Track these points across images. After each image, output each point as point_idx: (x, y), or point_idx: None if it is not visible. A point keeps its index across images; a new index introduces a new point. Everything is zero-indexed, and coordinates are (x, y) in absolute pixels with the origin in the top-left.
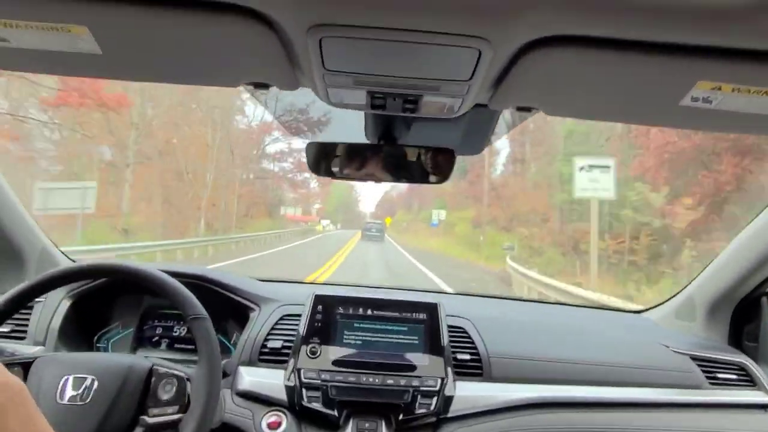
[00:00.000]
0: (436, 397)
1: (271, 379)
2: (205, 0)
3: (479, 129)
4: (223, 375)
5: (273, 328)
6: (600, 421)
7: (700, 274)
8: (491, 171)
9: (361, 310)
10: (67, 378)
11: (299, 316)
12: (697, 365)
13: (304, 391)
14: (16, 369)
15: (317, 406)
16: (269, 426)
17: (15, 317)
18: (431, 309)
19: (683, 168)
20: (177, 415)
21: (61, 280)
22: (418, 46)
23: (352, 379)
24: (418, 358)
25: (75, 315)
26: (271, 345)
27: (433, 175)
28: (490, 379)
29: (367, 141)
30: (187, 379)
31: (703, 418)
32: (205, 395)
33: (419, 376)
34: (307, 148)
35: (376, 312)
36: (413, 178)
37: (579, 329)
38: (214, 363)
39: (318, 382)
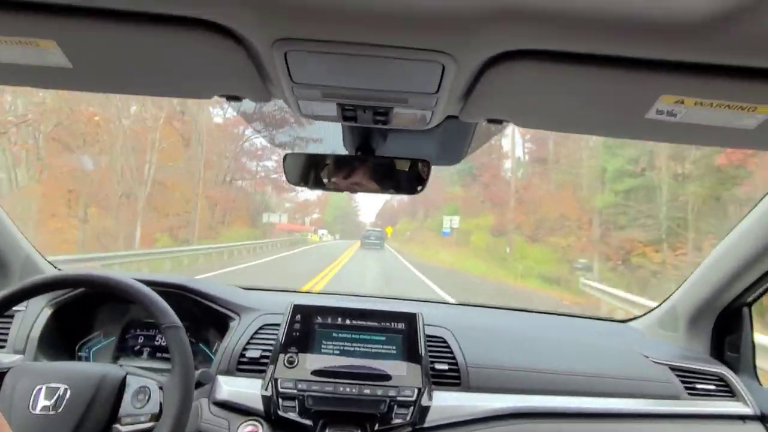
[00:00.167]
0: (412, 407)
1: (248, 389)
2: (171, 15)
3: (456, 140)
4: (201, 384)
5: (252, 338)
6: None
7: (682, 284)
8: (504, 172)
9: (339, 319)
10: (40, 388)
11: (279, 325)
12: (676, 375)
13: (280, 400)
14: None
15: (293, 415)
16: None
17: None
18: (410, 319)
19: None
20: (149, 424)
21: (34, 290)
22: (383, 60)
23: (329, 388)
24: (396, 368)
25: (56, 324)
26: (249, 354)
27: (409, 186)
28: (468, 389)
29: (346, 152)
30: (160, 388)
31: (681, 429)
32: (177, 404)
33: (396, 386)
34: (284, 159)
35: (354, 321)
36: (389, 189)
37: (560, 339)
38: (186, 372)
39: (294, 391)
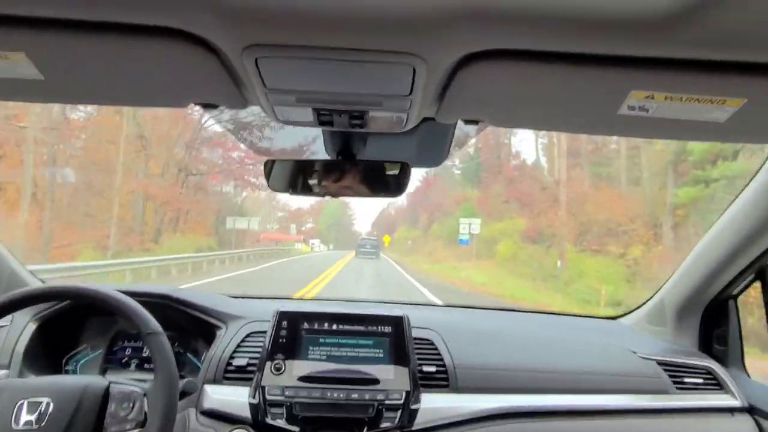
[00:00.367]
0: (400, 411)
1: (235, 397)
2: (141, 25)
3: (436, 141)
4: (186, 394)
5: (239, 346)
6: (567, 430)
7: (669, 278)
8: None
9: (326, 324)
10: (22, 403)
11: (265, 332)
12: (664, 370)
13: (267, 407)
14: None
15: (281, 422)
16: None
17: None
18: (396, 322)
19: None
20: (136, 431)
21: (10, 306)
22: (354, 64)
23: (316, 394)
24: (383, 372)
25: (42, 338)
26: (236, 363)
27: (391, 188)
28: (457, 390)
29: (327, 157)
30: (144, 395)
31: (671, 423)
32: (162, 410)
33: (384, 390)
34: (266, 165)
35: (341, 326)
36: (371, 192)
37: (548, 337)
38: (170, 376)
39: (282, 398)
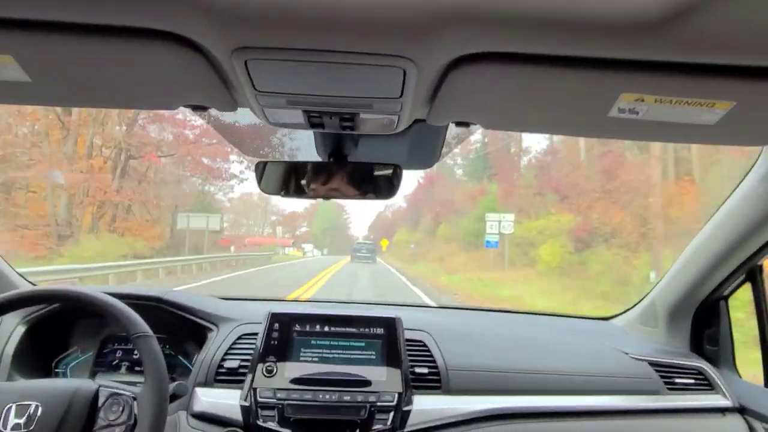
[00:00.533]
0: (393, 412)
1: (227, 400)
2: (130, 27)
3: (427, 143)
4: (176, 397)
5: (230, 348)
6: (560, 430)
7: (660, 280)
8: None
9: (318, 326)
10: (10, 406)
11: (257, 334)
12: (656, 371)
13: (259, 410)
14: None
15: (272, 425)
16: None
17: None
18: (389, 323)
19: None
20: None
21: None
22: (343, 66)
23: (308, 396)
24: (376, 374)
25: (31, 341)
26: (228, 365)
27: (383, 190)
28: (449, 392)
29: (319, 159)
30: (134, 398)
31: (662, 423)
32: (152, 412)
33: (376, 392)
34: (257, 167)
35: (333, 328)
36: (363, 194)
37: (540, 338)
38: (159, 379)
39: (274, 400)
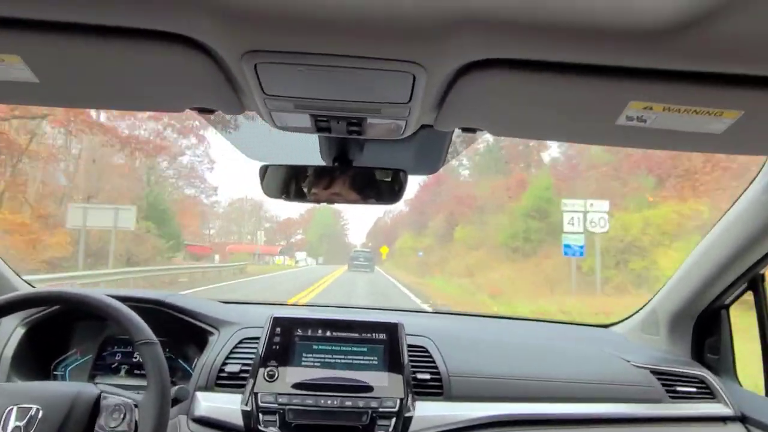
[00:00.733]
0: (394, 419)
1: (228, 404)
2: (139, 28)
3: (433, 148)
4: (177, 401)
5: (231, 352)
6: None
7: (662, 287)
8: None
9: (320, 331)
10: (11, 409)
11: (259, 339)
12: (658, 379)
13: (260, 415)
14: None
15: (273, 430)
16: None
17: None
18: (391, 329)
19: None
20: None
21: (3, 309)
22: (353, 71)
23: (309, 401)
24: (378, 379)
25: (30, 343)
26: (229, 369)
27: (387, 196)
28: (450, 398)
29: (323, 163)
30: (135, 406)
31: None
32: (153, 421)
33: (378, 397)
34: (261, 170)
35: (335, 333)
36: (368, 199)
37: (542, 345)
38: (162, 388)
39: (275, 406)
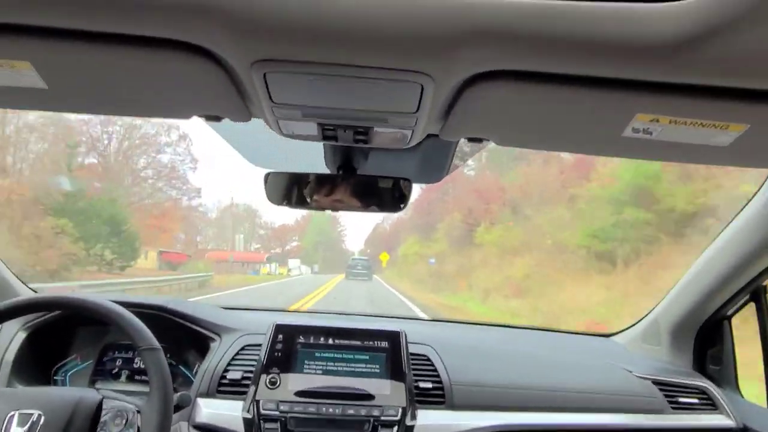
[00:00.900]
0: (396, 427)
1: (229, 411)
2: (148, 36)
3: (438, 157)
4: (179, 408)
5: (233, 359)
6: None
7: (664, 298)
8: None
9: (322, 339)
10: (13, 414)
11: (260, 345)
12: (660, 390)
13: (261, 423)
14: None
15: None
16: None
17: None
18: (393, 337)
19: None
20: None
21: (7, 314)
22: (362, 80)
23: (311, 409)
24: (380, 387)
25: (31, 348)
26: (230, 376)
27: (391, 204)
28: (453, 407)
29: (327, 170)
30: (138, 412)
31: None
32: (156, 427)
33: (380, 406)
34: (265, 178)
35: (337, 341)
36: (371, 207)
37: (543, 355)
38: (165, 394)
39: (276, 413)
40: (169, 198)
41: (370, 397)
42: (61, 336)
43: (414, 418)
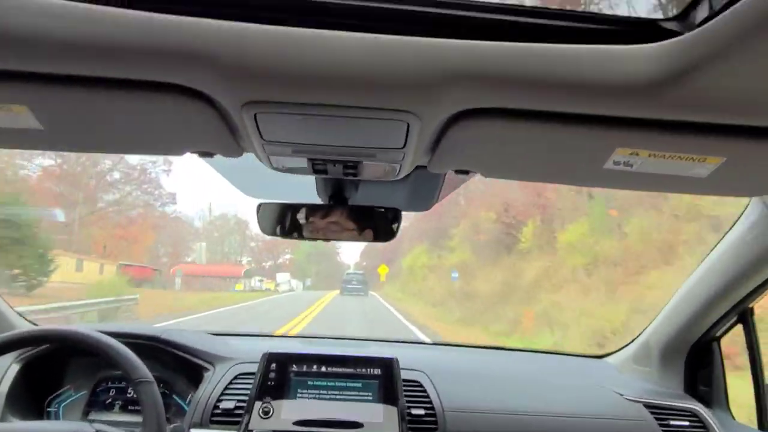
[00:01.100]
0: None
1: None
2: (142, 80)
3: (427, 187)
4: None
5: (226, 388)
6: None
7: (654, 319)
8: None
9: (315, 367)
10: None
11: (254, 374)
12: (650, 413)
13: None
14: None
15: None
16: None
17: None
18: (386, 364)
19: None
20: None
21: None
22: (349, 119)
23: None
24: (372, 415)
25: (24, 380)
26: (223, 406)
27: (381, 233)
28: None
29: (319, 200)
30: None
31: None
32: None
33: None
34: (258, 208)
35: (330, 369)
36: (362, 236)
37: (535, 378)
38: (158, 427)
39: None
40: (142, 204)
41: (362, 425)
42: (55, 367)
43: None
